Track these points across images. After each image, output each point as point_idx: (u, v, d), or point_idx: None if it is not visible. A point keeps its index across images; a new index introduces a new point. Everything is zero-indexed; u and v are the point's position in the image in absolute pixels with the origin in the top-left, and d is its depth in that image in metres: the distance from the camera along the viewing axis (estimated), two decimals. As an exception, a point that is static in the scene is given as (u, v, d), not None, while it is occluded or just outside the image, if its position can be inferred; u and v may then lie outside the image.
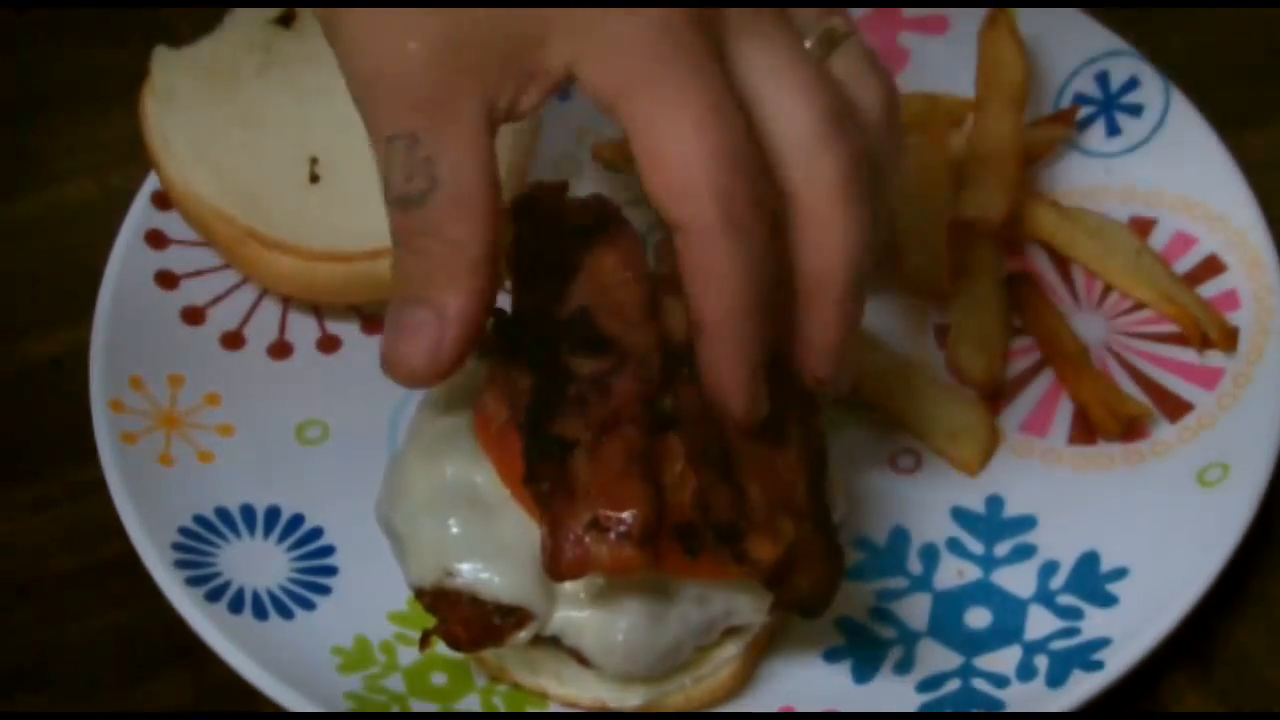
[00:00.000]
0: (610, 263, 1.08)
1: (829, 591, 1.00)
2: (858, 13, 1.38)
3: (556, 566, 0.98)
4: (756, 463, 1.01)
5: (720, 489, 0.99)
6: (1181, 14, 1.44)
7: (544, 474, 1.00)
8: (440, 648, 1.04)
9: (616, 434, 1.00)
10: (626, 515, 0.97)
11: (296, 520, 1.15)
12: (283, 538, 1.14)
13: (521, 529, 1.01)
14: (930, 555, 1.14)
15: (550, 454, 1.00)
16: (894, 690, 1.08)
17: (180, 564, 1.10)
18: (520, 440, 1.01)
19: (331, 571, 1.13)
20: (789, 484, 1.01)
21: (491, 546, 1.03)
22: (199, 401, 1.19)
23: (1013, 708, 1.05)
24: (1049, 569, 1.13)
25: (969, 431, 1.18)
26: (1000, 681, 1.07)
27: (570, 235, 1.08)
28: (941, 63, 1.34)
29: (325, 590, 1.12)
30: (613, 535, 0.97)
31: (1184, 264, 1.25)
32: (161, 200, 1.26)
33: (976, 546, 1.14)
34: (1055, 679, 1.06)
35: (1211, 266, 1.24)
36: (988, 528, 1.15)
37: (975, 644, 1.10)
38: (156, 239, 1.25)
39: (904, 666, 1.09)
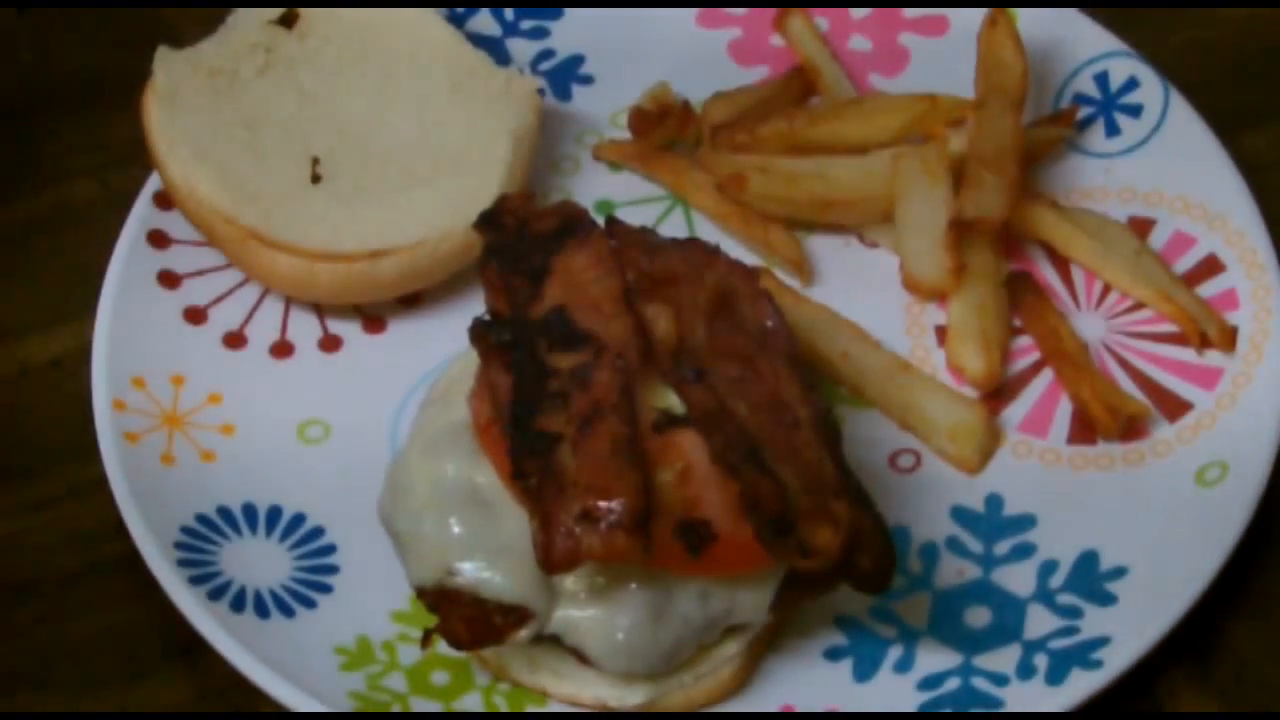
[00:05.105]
0: (581, 262, 1.09)
1: (890, 563, 1.01)
2: (858, 13, 1.38)
3: (549, 559, 0.98)
4: (779, 449, 1.01)
5: (763, 483, 0.99)
6: (1181, 14, 1.44)
7: (530, 469, 1.00)
8: (441, 646, 1.04)
9: (600, 425, 1.01)
10: (615, 504, 0.98)
11: (298, 519, 1.15)
12: (284, 537, 1.14)
13: (523, 528, 1.01)
14: (930, 554, 1.14)
15: (535, 449, 1.00)
16: (894, 689, 1.08)
17: (182, 563, 1.10)
18: (506, 438, 1.02)
19: (333, 570, 1.13)
20: (816, 463, 1.02)
21: (493, 545, 1.03)
22: (201, 401, 1.19)
23: (1012, 706, 1.06)
24: (1048, 568, 1.13)
25: (969, 431, 1.18)
26: (1000, 680, 1.07)
27: (539, 241, 1.10)
28: (941, 63, 1.35)
29: (327, 589, 1.12)
30: (603, 525, 0.98)
31: (1183, 264, 1.25)
32: (163, 200, 1.26)
33: (976, 545, 1.15)
34: (1055, 677, 1.06)
35: (1210, 266, 1.24)
36: (987, 527, 1.15)
37: (975, 642, 1.10)
38: (158, 239, 1.25)
39: (904, 665, 1.09)
